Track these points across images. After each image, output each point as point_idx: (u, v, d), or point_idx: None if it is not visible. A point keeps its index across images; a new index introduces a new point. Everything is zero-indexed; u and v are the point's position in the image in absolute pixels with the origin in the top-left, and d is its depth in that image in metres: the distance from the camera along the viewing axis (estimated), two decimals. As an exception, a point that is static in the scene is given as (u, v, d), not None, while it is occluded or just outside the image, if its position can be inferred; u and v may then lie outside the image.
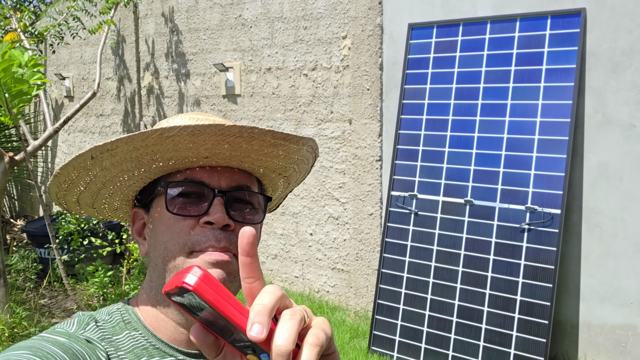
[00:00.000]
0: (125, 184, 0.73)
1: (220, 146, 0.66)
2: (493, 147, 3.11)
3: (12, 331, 3.48)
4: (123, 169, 0.70)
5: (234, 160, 0.70)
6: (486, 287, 3.02)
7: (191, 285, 0.40)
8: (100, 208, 0.79)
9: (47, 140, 3.76)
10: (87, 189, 0.73)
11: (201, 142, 0.65)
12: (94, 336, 0.65)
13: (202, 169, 0.70)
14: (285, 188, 0.84)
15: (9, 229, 6.57)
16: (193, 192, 0.69)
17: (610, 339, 2.98)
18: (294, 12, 4.13)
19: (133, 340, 0.68)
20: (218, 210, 0.67)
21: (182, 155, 0.67)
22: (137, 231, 0.76)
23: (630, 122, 2.88)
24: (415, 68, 3.47)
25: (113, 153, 0.66)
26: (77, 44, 6.01)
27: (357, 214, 3.90)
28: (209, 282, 0.41)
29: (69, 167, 0.68)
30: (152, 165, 0.69)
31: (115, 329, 0.68)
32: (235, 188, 0.71)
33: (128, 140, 0.63)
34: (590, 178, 3.00)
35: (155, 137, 0.63)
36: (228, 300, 0.41)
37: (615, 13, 2.88)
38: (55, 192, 0.73)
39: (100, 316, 0.69)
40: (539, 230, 2.92)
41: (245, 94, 4.51)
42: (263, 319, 0.40)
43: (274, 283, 4.04)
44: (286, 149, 0.71)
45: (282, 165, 0.75)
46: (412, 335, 3.21)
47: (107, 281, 4.16)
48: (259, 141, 0.67)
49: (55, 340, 0.61)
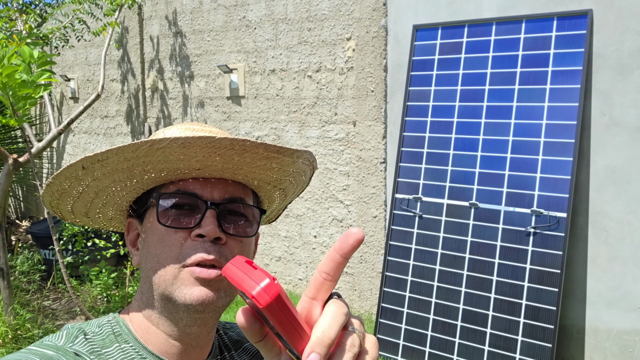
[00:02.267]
0: (118, 194, 0.73)
1: (212, 158, 0.65)
2: (498, 149, 3.08)
3: (16, 333, 3.48)
4: (115, 180, 0.69)
5: (227, 172, 0.69)
6: (491, 291, 2.99)
7: (261, 304, 0.39)
8: (95, 217, 0.79)
9: (51, 142, 3.77)
10: (80, 198, 0.73)
11: (192, 154, 0.64)
12: (83, 349, 0.64)
13: (195, 180, 0.69)
14: (282, 200, 0.83)
15: (14, 230, 6.59)
16: (185, 204, 0.68)
17: (617, 344, 2.94)
18: (298, 14, 4.12)
19: (123, 353, 0.67)
20: (209, 222, 0.66)
21: (173, 167, 0.66)
22: (131, 241, 0.76)
23: (637, 124, 2.85)
24: (420, 70, 3.45)
25: (104, 164, 0.65)
26: (82, 46, 6.02)
27: (361, 217, 3.88)
28: (279, 304, 0.40)
29: (60, 176, 0.67)
30: (144, 177, 0.69)
31: (105, 341, 0.67)
32: (228, 200, 0.70)
33: (118, 151, 0.63)
34: (597, 181, 2.96)
35: (146, 149, 0.63)
36: (292, 322, 0.42)
37: (622, 14, 2.85)
38: (49, 200, 0.73)
39: (90, 328, 0.68)
40: (544, 234, 2.89)
41: (249, 96, 4.50)
42: (323, 351, 0.41)
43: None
44: (280, 161, 0.69)
45: (277, 178, 0.74)
46: (416, 339, 3.19)
47: (111, 283, 4.16)
48: (251, 154, 0.66)
49: (43, 353, 0.60)
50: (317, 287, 0.45)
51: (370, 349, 0.46)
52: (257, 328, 0.44)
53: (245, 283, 0.41)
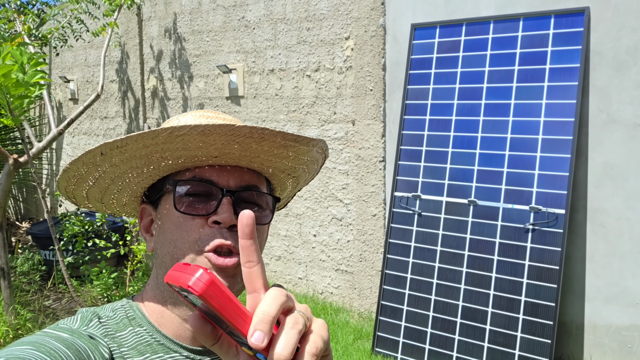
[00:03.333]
0: (134, 181, 0.74)
1: (230, 146, 0.66)
2: (497, 147, 3.10)
3: (17, 333, 3.49)
4: (132, 166, 0.70)
5: (244, 160, 0.70)
6: (490, 287, 3.00)
7: (197, 291, 0.41)
8: (109, 203, 0.80)
9: (51, 143, 3.78)
10: (96, 184, 0.74)
11: (211, 141, 0.65)
12: (97, 332, 0.65)
13: (211, 168, 0.70)
14: (294, 188, 0.84)
15: (14, 231, 6.59)
16: (201, 191, 0.69)
17: (616, 340, 2.95)
18: (297, 14, 4.13)
19: (137, 336, 0.68)
20: (226, 209, 0.67)
21: (191, 154, 0.67)
22: (145, 227, 0.76)
23: (635, 121, 2.86)
24: (419, 68, 3.46)
25: (123, 150, 0.66)
26: (81, 47, 6.03)
27: (360, 215, 3.89)
28: (215, 289, 0.42)
29: (78, 162, 0.68)
30: (161, 163, 0.69)
31: (119, 325, 0.68)
32: (243, 188, 0.71)
33: (138, 137, 0.64)
34: (595, 178, 2.98)
35: (165, 136, 0.64)
36: (232, 305, 0.42)
37: (619, 12, 2.87)
38: (64, 186, 0.74)
39: (104, 312, 0.69)
40: (543, 231, 2.90)
41: (248, 96, 4.51)
42: (265, 327, 0.41)
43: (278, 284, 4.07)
44: (296, 150, 0.70)
45: (291, 166, 0.75)
46: (416, 336, 3.20)
47: (111, 283, 4.16)
48: (269, 142, 0.67)
49: (58, 336, 0.61)
50: (249, 279, 0.46)
51: (317, 329, 0.46)
52: (208, 331, 0.45)
53: (182, 278, 0.42)
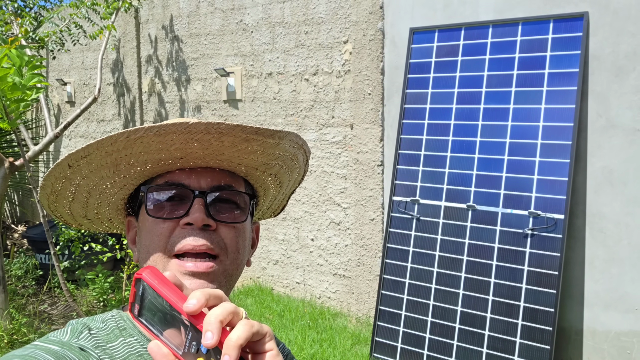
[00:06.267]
0: (110, 192, 0.73)
1: (190, 145, 0.65)
2: (495, 151, 3.09)
3: (12, 337, 3.46)
4: (103, 176, 0.70)
5: (209, 159, 0.69)
6: (489, 293, 2.99)
7: (140, 273, 0.48)
8: (95, 219, 0.79)
9: (47, 146, 3.75)
10: (75, 199, 0.73)
11: (169, 142, 0.64)
12: (88, 344, 0.65)
13: (181, 171, 0.70)
14: (278, 187, 0.82)
15: (10, 235, 6.55)
16: (174, 195, 0.69)
17: (615, 345, 2.94)
18: (295, 17, 4.12)
19: (128, 347, 0.67)
20: (196, 210, 0.66)
21: (155, 157, 0.67)
22: (131, 239, 0.76)
23: (634, 126, 2.86)
24: (417, 72, 3.45)
25: (88, 160, 0.66)
26: (78, 50, 6.01)
27: (358, 219, 3.87)
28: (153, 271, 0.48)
29: (50, 177, 0.68)
30: (130, 171, 0.69)
31: (109, 336, 0.67)
32: (216, 188, 0.70)
33: (98, 145, 0.63)
34: (594, 183, 2.97)
35: (124, 140, 0.63)
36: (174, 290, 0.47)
37: (618, 17, 2.86)
38: (46, 204, 0.74)
39: (94, 324, 0.69)
40: (542, 236, 2.89)
41: (246, 99, 4.50)
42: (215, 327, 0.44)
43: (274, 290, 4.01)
44: (261, 143, 0.69)
45: (263, 162, 0.73)
46: (414, 341, 3.18)
47: (107, 287, 4.13)
48: (229, 137, 0.66)
49: (48, 348, 0.60)
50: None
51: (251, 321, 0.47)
52: (164, 353, 0.46)
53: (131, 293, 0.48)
